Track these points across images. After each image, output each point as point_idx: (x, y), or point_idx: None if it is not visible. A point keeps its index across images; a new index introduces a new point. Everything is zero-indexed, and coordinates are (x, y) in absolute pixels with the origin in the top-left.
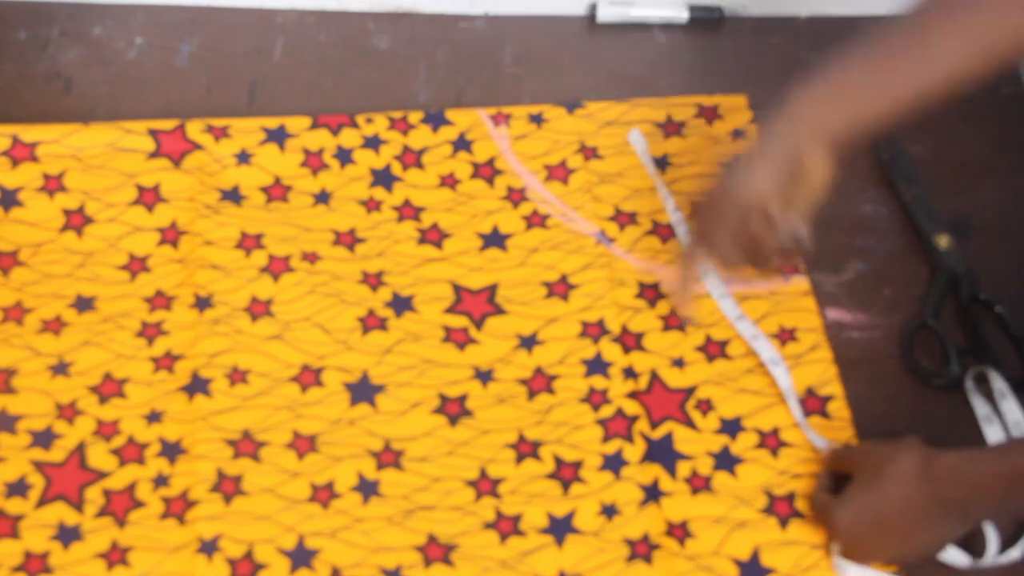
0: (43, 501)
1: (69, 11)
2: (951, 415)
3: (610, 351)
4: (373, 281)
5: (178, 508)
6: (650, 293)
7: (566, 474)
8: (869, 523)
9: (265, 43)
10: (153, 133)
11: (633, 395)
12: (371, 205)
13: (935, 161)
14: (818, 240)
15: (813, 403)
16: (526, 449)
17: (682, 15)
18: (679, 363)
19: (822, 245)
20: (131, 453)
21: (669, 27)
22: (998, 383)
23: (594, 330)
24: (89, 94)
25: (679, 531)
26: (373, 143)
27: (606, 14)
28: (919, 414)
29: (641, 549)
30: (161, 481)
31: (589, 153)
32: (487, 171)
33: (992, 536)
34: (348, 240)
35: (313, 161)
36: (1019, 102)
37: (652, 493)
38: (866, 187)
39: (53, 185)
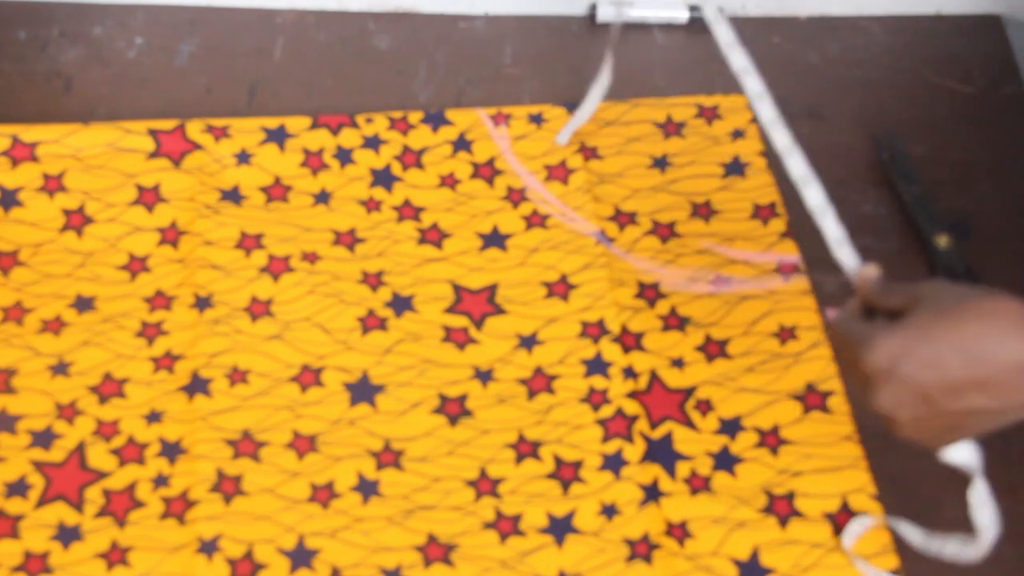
0: (43, 501)
1: (69, 11)
2: None
3: (610, 351)
4: (373, 281)
5: (178, 508)
6: (650, 293)
7: (566, 474)
8: (926, 366)
9: (265, 43)
10: (153, 133)
11: (633, 395)
12: (371, 205)
13: (935, 161)
14: (818, 240)
15: (813, 399)
16: (526, 449)
17: (682, 15)
18: (679, 363)
19: (822, 245)
20: (131, 453)
21: (669, 27)
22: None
23: (594, 330)
24: (89, 94)
25: (678, 531)
26: (373, 143)
27: (606, 14)
28: None
29: (641, 549)
30: (161, 481)
31: (589, 153)
32: (487, 171)
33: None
34: (348, 240)
35: (313, 161)
36: (1019, 102)
37: (652, 493)
38: (866, 187)
39: (53, 185)
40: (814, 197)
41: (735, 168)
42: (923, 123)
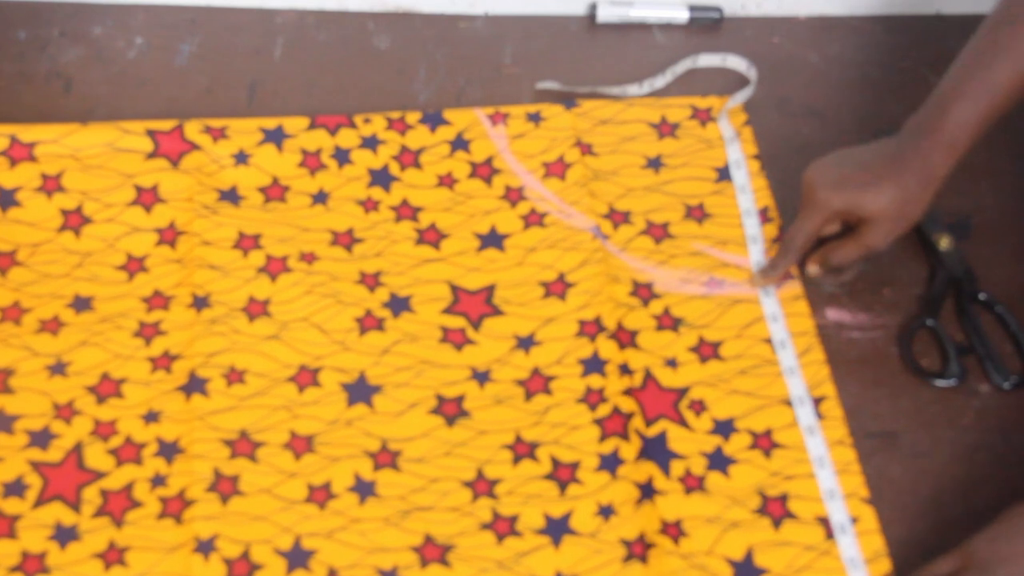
0: (40, 501)
1: (69, 11)
2: (951, 415)
3: (606, 348)
4: (371, 282)
5: (175, 508)
6: (644, 292)
7: (563, 475)
8: None
9: (265, 43)
10: (151, 133)
11: (628, 392)
12: (369, 205)
13: None
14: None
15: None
16: (523, 450)
17: (682, 15)
18: (672, 363)
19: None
20: (128, 453)
21: (669, 27)
22: None
23: (591, 328)
24: (89, 94)
25: (673, 529)
26: (371, 143)
27: (606, 14)
28: (919, 414)
29: (637, 549)
30: (158, 481)
31: (585, 149)
32: (485, 171)
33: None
34: (346, 240)
35: (311, 161)
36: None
37: (647, 491)
38: None
39: (51, 185)
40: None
41: (729, 172)
42: None
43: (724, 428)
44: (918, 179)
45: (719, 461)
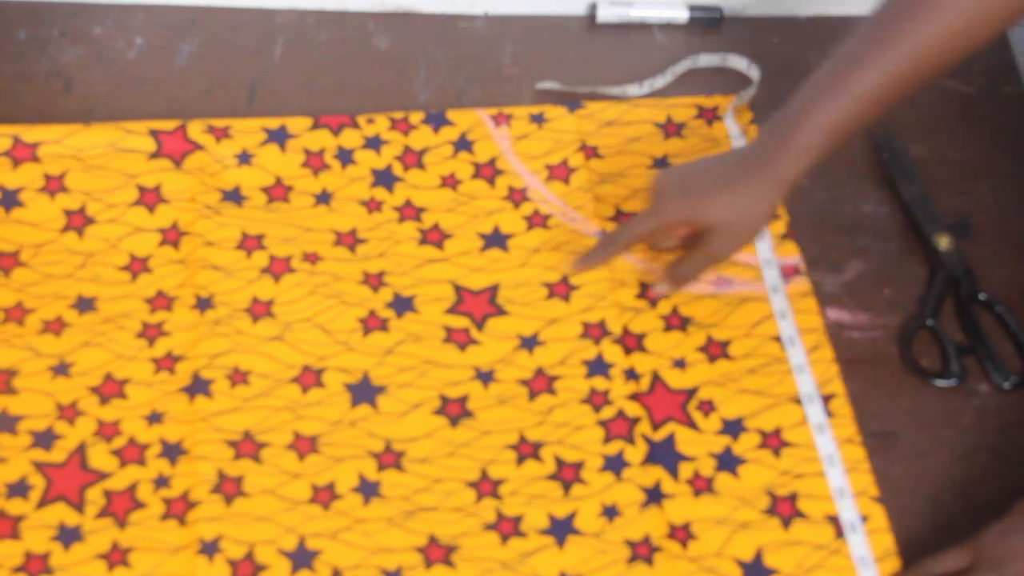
0: (44, 502)
1: (69, 11)
2: (951, 415)
3: (611, 352)
4: (374, 282)
5: (179, 509)
6: (652, 294)
7: (567, 475)
8: None
9: (265, 43)
10: (154, 134)
11: (634, 397)
12: (372, 205)
13: (935, 161)
14: (818, 240)
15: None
16: (527, 450)
17: (682, 15)
18: (680, 364)
19: (822, 245)
20: (132, 454)
21: (669, 27)
22: None
23: (595, 331)
24: (89, 94)
25: (681, 533)
26: (374, 143)
27: (606, 14)
28: (919, 414)
29: (642, 551)
30: (162, 482)
31: (590, 152)
32: (488, 171)
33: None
34: (349, 241)
35: (314, 161)
36: (1019, 102)
37: (654, 495)
38: (866, 187)
39: (54, 186)
40: None
41: None
42: (923, 123)
43: (733, 428)
44: (762, 185)
45: (728, 461)
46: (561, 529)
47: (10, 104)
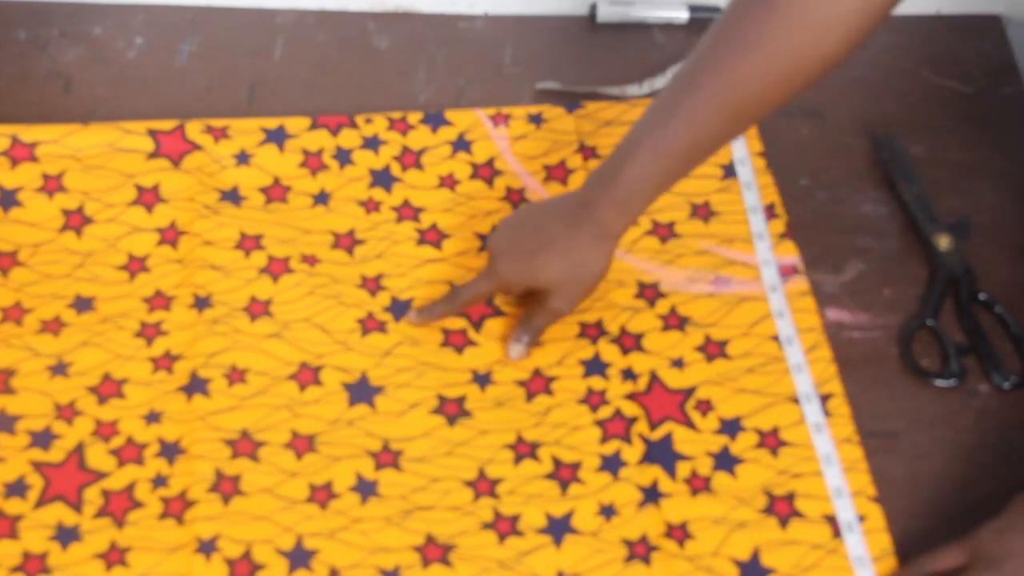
0: (42, 502)
1: (69, 11)
2: (951, 415)
3: (608, 352)
4: (372, 286)
5: (177, 508)
6: (650, 293)
7: (564, 474)
8: None
9: (265, 43)
10: (152, 133)
11: (632, 396)
12: (370, 206)
13: (935, 161)
14: (818, 240)
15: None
16: (524, 450)
17: (682, 15)
18: (678, 363)
19: (822, 245)
20: (130, 453)
21: (669, 27)
22: None
23: (592, 331)
24: (89, 94)
25: (678, 532)
26: (372, 143)
27: (606, 14)
28: (919, 414)
29: (639, 550)
30: (160, 481)
31: (588, 153)
32: (486, 171)
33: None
34: (347, 242)
35: (312, 162)
36: (1019, 102)
37: (651, 494)
38: (866, 187)
39: (52, 185)
40: None
41: (734, 170)
42: (923, 123)
43: (731, 427)
44: (589, 242)
45: (726, 461)
46: (558, 528)
47: (10, 104)
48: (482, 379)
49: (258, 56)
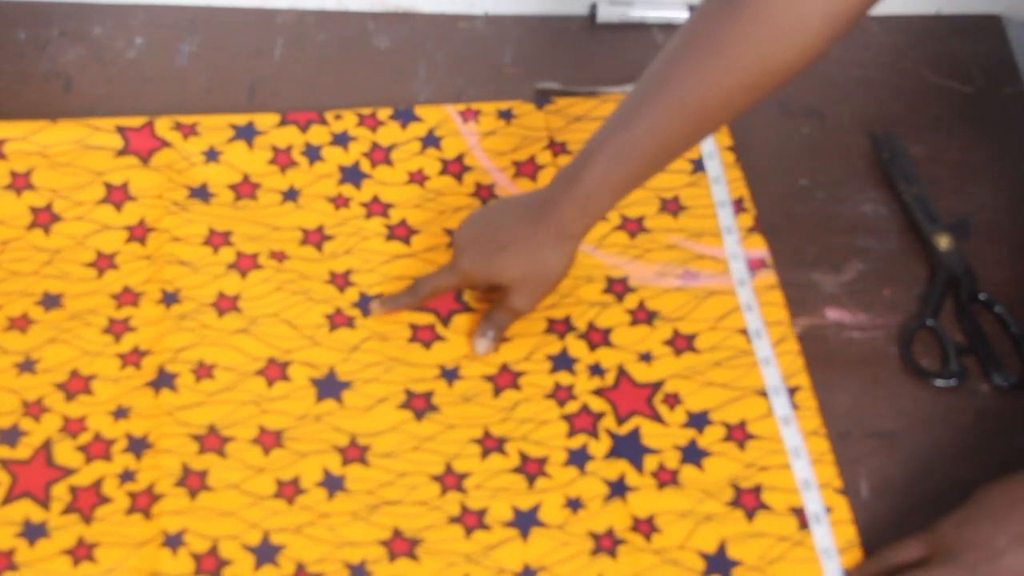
0: (9, 498)
1: (69, 11)
2: (951, 415)
3: (576, 347)
4: (340, 281)
5: (144, 503)
6: (618, 287)
7: (531, 469)
8: None
9: (265, 43)
10: (121, 130)
11: (599, 392)
12: (339, 202)
13: (935, 161)
14: (818, 240)
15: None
16: (491, 444)
17: (682, 15)
18: (646, 358)
19: (822, 245)
20: (97, 450)
21: (669, 27)
22: None
23: (560, 327)
24: (89, 94)
25: (645, 526)
26: (342, 140)
27: (606, 14)
28: (919, 414)
29: (605, 543)
30: (127, 476)
31: (558, 149)
32: (456, 168)
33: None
34: (316, 238)
35: (281, 158)
36: (1019, 102)
37: (618, 488)
38: (866, 187)
39: (20, 183)
40: None
41: (703, 164)
42: (923, 123)
43: (698, 421)
44: (550, 241)
45: (693, 454)
46: (525, 522)
47: (10, 104)
48: (450, 374)
49: (258, 56)
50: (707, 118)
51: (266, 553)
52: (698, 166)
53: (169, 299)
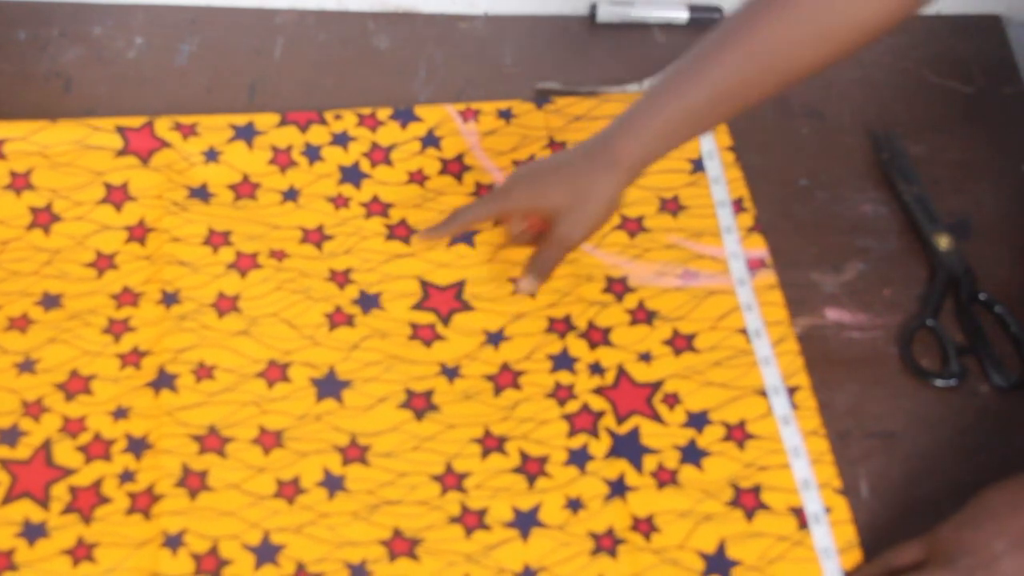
0: (8, 498)
1: (69, 11)
2: (951, 415)
3: (576, 346)
4: (340, 279)
5: (144, 503)
6: (618, 287)
7: (531, 468)
8: None
9: (265, 43)
10: (121, 131)
11: (599, 391)
12: (339, 202)
13: (935, 161)
14: (818, 240)
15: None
16: (492, 444)
17: (682, 15)
18: (646, 357)
19: (822, 245)
20: (97, 450)
21: (669, 27)
22: None
23: (560, 326)
24: (89, 94)
25: (644, 525)
26: (342, 140)
27: (606, 14)
28: (919, 414)
29: (606, 543)
30: (127, 477)
31: (558, 148)
32: (456, 167)
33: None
34: (316, 237)
35: (281, 158)
36: (1019, 102)
37: (618, 488)
38: (866, 187)
39: (20, 183)
40: None
41: (703, 164)
42: (923, 123)
43: (698, 420)
44: (600, 168)
45: (692, 454)
46: (525, 522)
47: (10, 104)
48: (450, 372)
49: (258, 56)
50: (773, 69)
51: (266, 553)
52: (698, 166)
53: (169, 299)
